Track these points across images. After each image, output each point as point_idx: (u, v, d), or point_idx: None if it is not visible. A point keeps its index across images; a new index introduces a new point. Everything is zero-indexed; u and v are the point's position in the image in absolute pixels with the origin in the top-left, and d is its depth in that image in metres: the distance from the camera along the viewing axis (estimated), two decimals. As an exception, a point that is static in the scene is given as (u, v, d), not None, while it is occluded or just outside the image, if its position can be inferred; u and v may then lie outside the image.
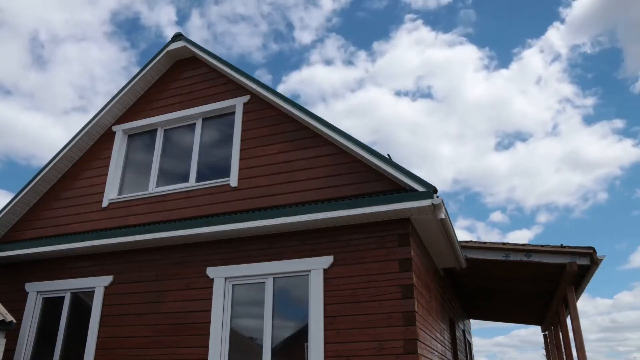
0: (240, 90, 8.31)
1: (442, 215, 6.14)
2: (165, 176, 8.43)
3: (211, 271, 7.08)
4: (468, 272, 9.80)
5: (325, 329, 6.11)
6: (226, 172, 7.83)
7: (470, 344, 16.26)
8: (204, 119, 8.54)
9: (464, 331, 14.12)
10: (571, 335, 10.04)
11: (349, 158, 6.99)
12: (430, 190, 6.03)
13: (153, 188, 8.33)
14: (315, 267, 6.46)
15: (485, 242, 8.85)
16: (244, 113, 8.10)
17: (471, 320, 18.42)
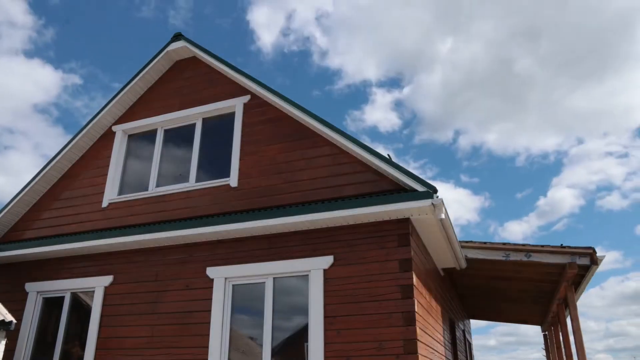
0: (240, 90, 8.30)
1: (442, 215, 6.13)
2: (165, 176, 8.43)
3: (211, 271, 7.08)
4: (468, 272, 9.79)
5: (325, 329, 6.11)
6: (226, 172, 7.83)
7: (470, 344, 16.26)
8: (204, 119, 8.54)
9: (464, 331, 14.12)
10: (571, 335, 10.04)
11: (349, 158, 6.99)
12: (430, 190, 6.03)
13: (153, 188, 8.32)
14: (315, 267, 6.46)
15: (485, 242, 8.84)
16: (244, 113, 8.10)
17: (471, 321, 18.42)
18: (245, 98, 8.19)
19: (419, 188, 6.15)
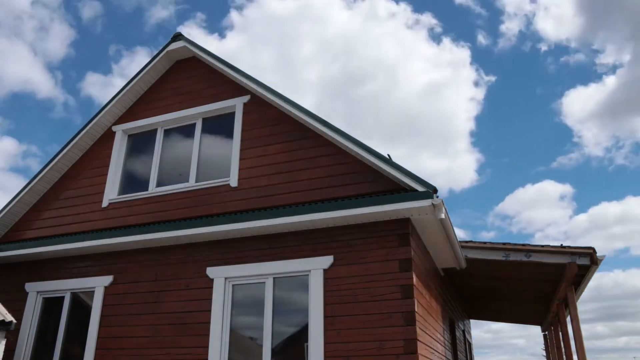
0: (240, 90, 8.31)
1: (442, 215, 6.13)
2: (165, 176, 8.42)
3: (211, 271, 7.07)
4: (468, 272, 9.79)
5: (325, 329, 6.11)
6: (226, 172, 7.83)
7: (470, 344, 16.26)
8: (203, 119, 8.54)
9: (464, 331, 14.12)
10: (571, 335, 10.04)
11: (349, 158, 6.99)
12: (430, 190, 6.02)
13: (153, 188, 8.32)
14: (315, 267, 6.46)
15: (485, 242, 8.84)
16: (244, 113, 8.10)
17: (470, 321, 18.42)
18: (245, 98, 8.20)
19: (419, 188, 6.15)
